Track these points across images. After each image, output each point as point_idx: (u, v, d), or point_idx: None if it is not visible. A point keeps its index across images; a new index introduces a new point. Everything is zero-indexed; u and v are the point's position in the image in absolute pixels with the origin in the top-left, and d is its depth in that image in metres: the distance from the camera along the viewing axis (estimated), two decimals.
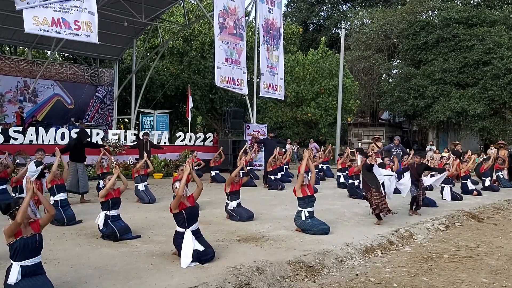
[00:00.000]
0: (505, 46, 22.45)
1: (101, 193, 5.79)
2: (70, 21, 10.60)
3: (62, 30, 10.49)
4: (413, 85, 24.94)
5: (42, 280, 3.66)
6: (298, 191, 6.34)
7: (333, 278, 4.70)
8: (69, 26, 10.57)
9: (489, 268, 5.17)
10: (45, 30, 10.27)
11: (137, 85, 21.24)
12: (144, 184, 9.01)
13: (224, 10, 14.23)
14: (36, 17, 10.07)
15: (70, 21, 10.60)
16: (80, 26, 10.73)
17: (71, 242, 5.55)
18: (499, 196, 10.94)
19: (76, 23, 10.69)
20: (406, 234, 6.56)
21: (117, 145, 13.88)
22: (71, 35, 10.69)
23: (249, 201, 8.51)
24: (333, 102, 22.16)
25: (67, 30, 10.56)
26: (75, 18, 10.69)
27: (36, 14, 10.07)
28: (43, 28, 10.22)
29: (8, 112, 18.13)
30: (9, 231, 3.56)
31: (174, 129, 24.09)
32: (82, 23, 10.76)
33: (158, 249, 5.28)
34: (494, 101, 22.44)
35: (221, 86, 14.61)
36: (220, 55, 13.97)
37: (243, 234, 6.13)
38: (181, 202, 4.85)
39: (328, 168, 15.40)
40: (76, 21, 10.69)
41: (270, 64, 16.05)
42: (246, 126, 16.73)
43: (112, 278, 4.19)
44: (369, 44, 28.84)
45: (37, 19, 10.09)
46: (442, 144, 24.81)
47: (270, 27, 16.07)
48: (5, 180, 8.13)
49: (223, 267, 4.51)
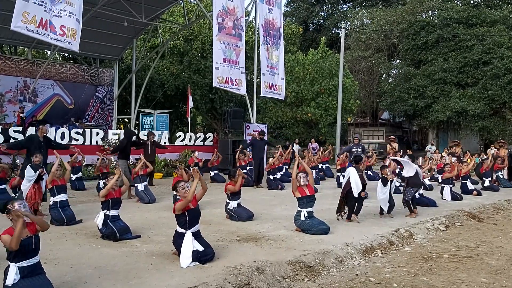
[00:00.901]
0: (505, 46, 22.46)
1: (102, 193, 5.78)
2: (57, 25, 10.60)
3: (47, 33, 10.48)
4: (413, 85, 24.95)
5: (41, 280, 3.66)
6: (295, 192, 6.39)
7: (333, 278, 4.70)
8: (54, 31, 10.58)
9: (489, 268, 5.17)
10: (30, 30, 10.24)
11: (137, 85, 21.24)
12: (143, 184, 9.01)
13: (223, 10, 14.22)
14: (26, 13, 10.01)
15: (57, 26, 10.60)
16: (64, 32, 10.77)
17: (71, 242, 5.55)
18: (499, 196, 10.93)
19: (62, 28, 10.71)
20: (406, 234, 6.56)
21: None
22: (54, 40, 10.71)
23: (249, 201, 8.52)
24: (333, 102, 22.16)
25: (51, 34, 10.55)
26: (62, 23, 10.69)
27: (27, 10, 10.04)
28: (29, 28, 10.18)
29: (8, 112, 18.14)
30: (5, 242, 3.55)
31: (174, 129, 24.07)
32: (67, 30, 10.80)
33: (158, 249, 5.28)
34: (494, 101, 22.45)
35: (219, 87, 14.61)
36: (218, 56, 13.97)
37: (243, 234, 6.13)
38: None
39: (328, 168, 15.41)
40: (62, 26, 10.70)
41: (270, 64, 16.05)
42: (246, 126, 16.72)
43: (112, 278, 4.19)
44: (369, 44, 28.84)
45: (26, 15, 10.03)
46: (442, 144, 24.82)
47: (270, 27, 16.06)
48: (4, 180, 8.14)
49: (223, 267, 4.51)
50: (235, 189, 7.14)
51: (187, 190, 4.92)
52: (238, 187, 7.17)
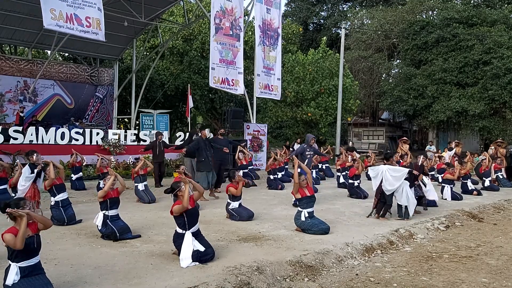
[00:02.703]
0: (505, 46, 22.43)
1: (99, 195, 5.80)
2: (82, 17, 10.59)
3: (75, 27, 10.49)
4: (413, 85, 24.93)
5: (41, 279, 3.66)
6: (296, 194, 6.43)
7: (333, 278, 4.70)
8: (81, 23, 10.56)
9: (489, 267, 5.17)
10: (61, 26, 10.26)
11: (137, 84, 21.24)
12: (144, 184, 9.01)
13: (220, 11, 14.21)
14: (53, 10, 10.02)
15: (82, 18, 10.59)
16: (90, 23, 10.74)
17: (71, 242, 5.55)
18: (499, 196, 10.93)
19: (87, 19, 10.68)
20: (406, 234, 6.56)
21: (117, 145, 13.88)
22: (82, 32, 10.70)
23: (249, 201, 8.52)
24: (333, 102, 22.15)
25: (79, 27, 10.56)
26: (86, 14, 10.68)
27: (53, 7, 10.05)
28: (59, 24, 10.21)
29: (8, 112, 18.15)
30: (9, 242, 3.55)
31: (174, 129, 24.10)
32: (92, 20, 10.77)
33: (158, 249, 5.28)
34: (494, 100, 22.43)
35: (215, 87, 14.62)
36: (214, 56, 13.98)
37: (243, 233, 6.13)
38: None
39: (328, 168, 15.41)
40: (87, 17, 10.68)
41: (267, 64, 16.04)
42: (246, 126, 16.73)
43: (112, 278, 4.19)
44: (369, 44, 28.81)
45: (54, 12, 10.04)
46: (442, 144, 24.80)
47: (267, 27, 16.05)
48: (5, 180, 8.13)
49: (223, 267, 4.51)
50: (237, 194, 7.18)
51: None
52: (239, 192, 7.22)
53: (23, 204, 3.74)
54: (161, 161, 11.24)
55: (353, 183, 10.01)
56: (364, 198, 9.69)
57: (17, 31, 18.04)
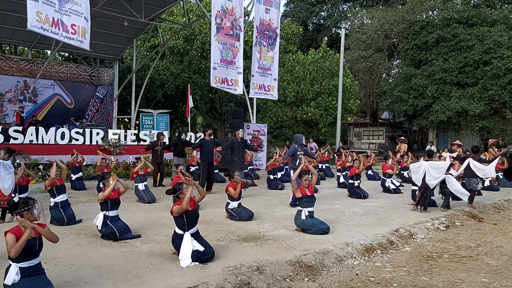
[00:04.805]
0: (505, 46, 22.43)
1: (100, 197, 5.78)
2: (68, 24, 10.68)
3: (60, 32, 10.56)
4: (413, 85, 24.94)
5: (42, 279, 3.66)
6: (296, 192, 6.47)
7: (333, 278, 4.70)
8: (66, 29, 10.65)
9: (489, 267, 5.17)
10: (45, 29, 10.29)
11: (137, 84, 21.24)
12: (144, 184, 9.01)
13: (221, 10, 14.22)
14: (39, 13, 10.06)
15: (68, 24, 10.68)
16: (76, 31, 10.86)
17: (71, 242, 5.55)
18: (499, 196, 10.93)
19: (73, 27, 10.79)
20: (406, 234, 6.56)
21: (117, 145, 13.88)
22: (67, 38, 10.78)
23: (249, 200, 8.52)
24: (333, 102, 22.16)
25: (64, 33, 10.64)
26: (72, 21, 10.78)
27: (40, 10, 10.08)
28: (44, 27, 10.23)
29: (8, 112, 18.15)
30: (8, 243, 3.54)
31: (174, 129, 24.08)
32: (78, 28, 10.90)
33: (158, 248, 5.28)
34: (494, 100, 22.44)
35: (216, 87, 14.64)
36: (215, 56, 14.01)
37: (243, 233, 6.13)
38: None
39: (328, 168, 15.40)
40: (73, 24, 10.79)
41: (263, 65, 16.02)
42: (246, 125, 16.72)
43: (112, 278, 4.19)
44: (369, 43, 28.81)
45: (40, 15, 10.08)
46: (442, 144, 24.80)
47: (265, 27, 16.03)
48: None
49: (223, 267, 4.51)
50: (235, 196, 7.19)
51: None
52: (238, 193, 7.22)
53: (32, 204, 3.75)
54: (160, 161, 11.37)
55: (353, 183, 10.01)
56: (364, 198, 9.69)
57: (17, 31, 18.03)
